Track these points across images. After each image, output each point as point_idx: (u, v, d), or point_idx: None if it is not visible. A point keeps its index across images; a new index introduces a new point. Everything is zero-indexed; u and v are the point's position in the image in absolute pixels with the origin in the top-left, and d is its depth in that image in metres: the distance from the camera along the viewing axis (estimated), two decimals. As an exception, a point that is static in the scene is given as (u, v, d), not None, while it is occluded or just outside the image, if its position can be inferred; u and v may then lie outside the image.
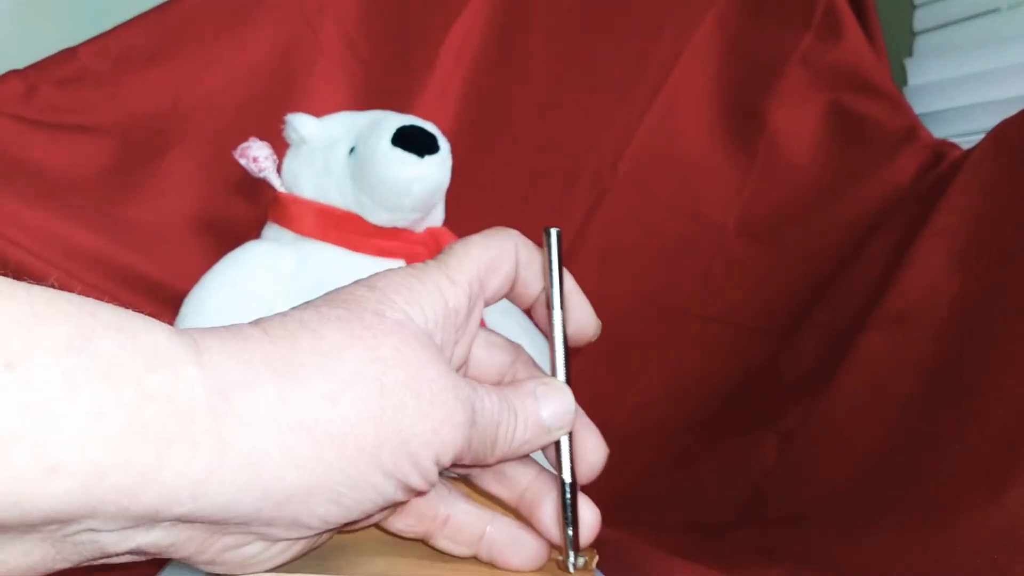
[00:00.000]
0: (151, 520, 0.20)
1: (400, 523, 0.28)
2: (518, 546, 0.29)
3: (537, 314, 0.30)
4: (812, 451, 0.52)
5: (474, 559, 0.29)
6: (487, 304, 0.29)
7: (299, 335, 0.23)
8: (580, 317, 0.30)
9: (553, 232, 0.29)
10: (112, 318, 0.20)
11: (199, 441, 0.19)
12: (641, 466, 0.61)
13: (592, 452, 0.29)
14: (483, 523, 0.29)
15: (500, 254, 0.28)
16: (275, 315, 0.24)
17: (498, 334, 0.31)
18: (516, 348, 0.31)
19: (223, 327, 0.22)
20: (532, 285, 0.29)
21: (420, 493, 0.25)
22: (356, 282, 0.26)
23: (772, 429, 0.56)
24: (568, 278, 0.30)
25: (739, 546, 0.48)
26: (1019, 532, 0.35)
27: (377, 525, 0.29)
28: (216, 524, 0.21)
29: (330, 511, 0.22)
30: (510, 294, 0.30)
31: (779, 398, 0.58)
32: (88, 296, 0.62)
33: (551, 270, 0.29)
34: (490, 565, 0.29)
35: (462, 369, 0.29)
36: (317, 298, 0.25)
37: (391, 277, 0.26)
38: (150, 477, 0.19)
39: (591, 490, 0.30)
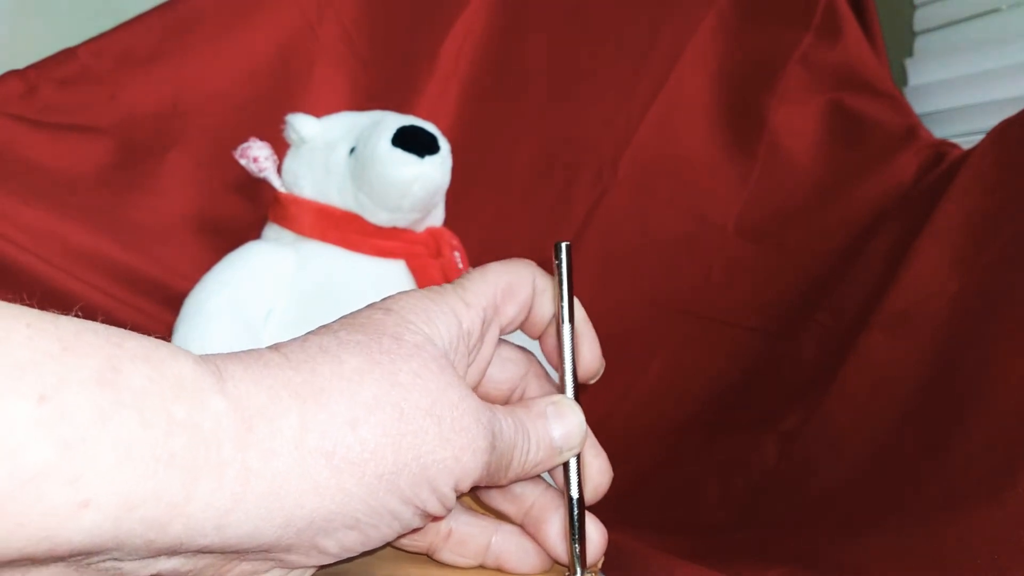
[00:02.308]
0: (177, 551, 0.20)
1: (404, 538, 0.28)
2: (524, 554, 0.29)
3: (546, 345, 0.30)
4: (813, 451, 0.52)
5: (480, 567, 0.29)
6: (503, 332, 0.29)
7: (319, 359, 0.23)
8: (586, 355, 0.30)
9: (563, 247, 0.29)
10: (139, 349, 0.20)
11: (225, 471, 0.20)
12: (641, 466, 0.61)
13: (597, 475, 0.29)
14: (487, 535, 0.29)
15: (517, 282, 0.29)
16: (294, 340, 0.24)
17: (509, 344, 0.31)
18: (528, 359, 0.31)
19: (243, 352, 0.22)
20: (544, 315, 0.30)
21: (437, 518, 0.25)
22: (371, 305, 0.26)
23: (772, 429, 0.56)
24: (582, 315, 0.30)
25: (739, 546, 0.48)
26: (1019, 532, 0.35)
27: None
28: (237, 553, 0.21)
29: (348, 537, 0.22)
30: (524, 323, 0.30)
31: (779, 398, 0.58)
32: (88, 296, 0.62)
33: (560, 284, 0.29)
34: (497, 571, 0.29)
35: (475, 389, 0.29)
36: (334, 322, 0.25)
37: (407, 299, 0.26)
38: (178, 509, 0.19)
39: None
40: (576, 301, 0.30)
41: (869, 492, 0.46)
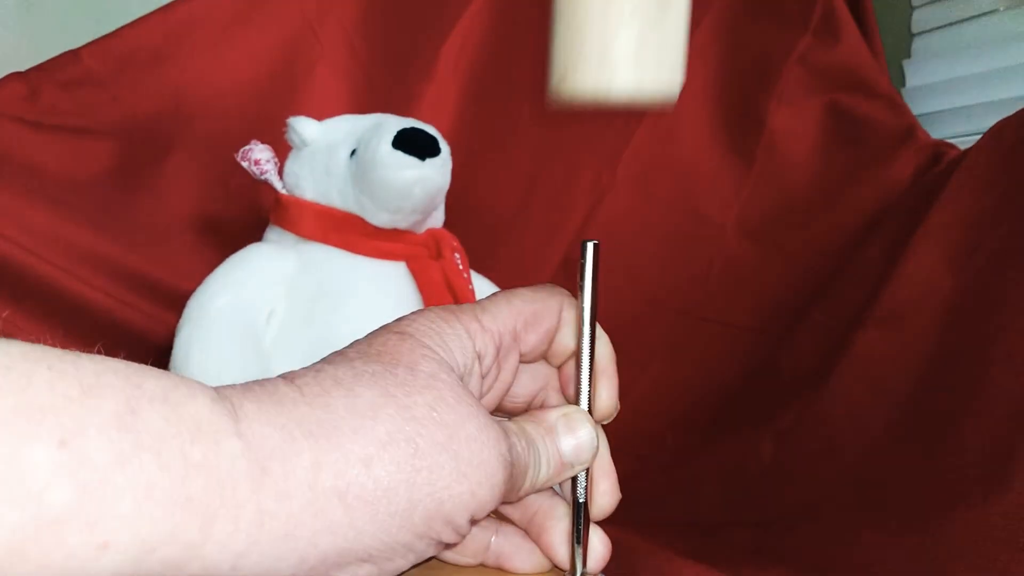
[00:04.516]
0: None
1: None
2: (524, 553, 0.29)
3: (563, 375, 0.30)
4: (808, 450, 0.52)
5: (481, 565, 0.29)
6: (525, 360, 0.29)
7: (333, 393, 0.22)
8: (604, 394, 0.29)
9: (590, 245, 0.27)
10: (157, 389, 0.20)
11: (240, 513, 0.20)
12: (640, 465, 0.61)
13: (605, 495, 0.29)
14: (488, 534, 0.29)
15: (543, 310, 0.28)
16: (308, 369, 0.24)
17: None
18: (549, 372, 0.30)
19: (258, 386, 0.22)
20: (566, 345, 0.29)
21: (451, 546, 0.25)
22: (386, 328, 0.26)
23: (769, 428, 0.56)
24: (609, 350, 0.29)
25: (737, 545, 0.48)
26: (1017, 531, 0.35)
27: None
28: None
29: (362, 570, 0.22)
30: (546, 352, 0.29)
31: (776, 397, 0.58)
32: (88, 296, 0.62)
33: (584, 284, 0.27)
34: (497, 570, 0.29)
35: (493, 411, 0.29)
36: (349, 348, 0.25)
37: (422, 320, 0.26)
38: (195, 551, 0.19)
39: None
40: (605, 338, 0.29)
41: (866, 490, 0.46)
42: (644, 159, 0.73)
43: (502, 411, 0.30)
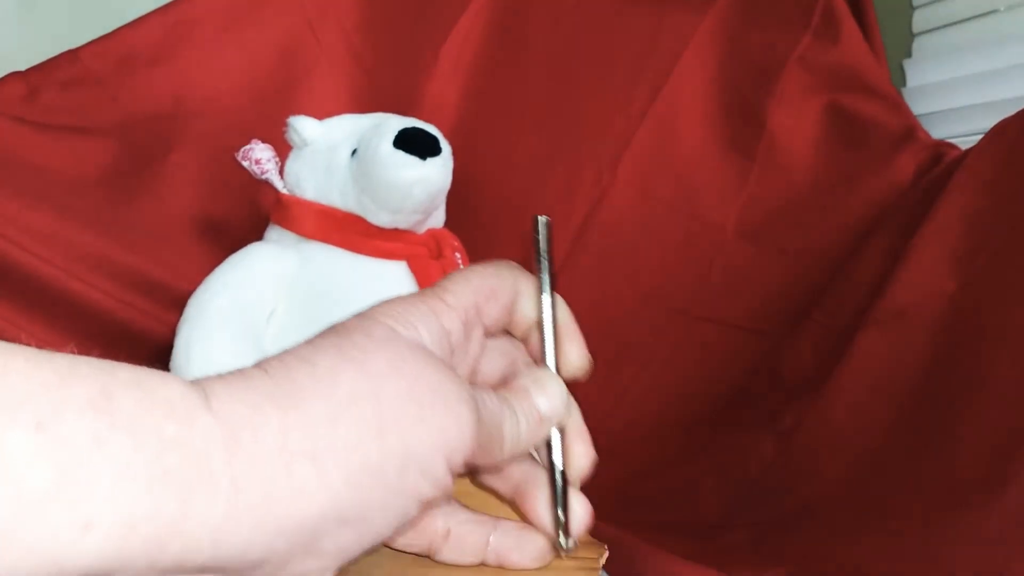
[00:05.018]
0: (178, 570, 0.20)
1: (401, 538, 0.29)
2: (523, 546, 0.29)
3: (530, 346, 0.31)
4: (810, 450, 0.52)
5: (482, 564, 0.29)
6: (488, 334, 0.30)
7: (295, 367, 0.23)
8: (571, 352, 0.30)
9: (541, 220, 0.29)
10: (130, 376, 0.20)
11: (216, 485, 0.20)
12: (640, 465, 0.61)
13: (580, 456, 0.30)
14: (486, 531, 0.29)
15: (499, 283, 0.29)
16: (276, 355, 0.24)
17: (498, 336, 0.31)
18: (515, 346, 0.31)
19: (229, 373, 0.23)
20: (527, 316, 0.30)
21: (435, 505, 0.25)
22: (355, 314, 0.26)
23: (770, 428, 0.56)
24: (568, 313, 0.30)
25: (738, 546, 0.48)
26: (1018, 531, 0.35)
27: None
28: (235, 570, 0.21)
29: (343, 536, 0.22)
30: (509, 324, 0.30)
31: (777, 397, 0.58)
32: (89, 296, 0.62)
33: (539, 257, 0.29)
34: (498, 568, 0.29)
35: None
36: (316, 334, 0.26)
37: (386, 304, 0.26)
38: (176, 526, 0.19)
39: (591, 488, 0.30)
40: (562, 303, 0.30)
41: (867, 491, 0.46)
42: (644, 159, 0.73)
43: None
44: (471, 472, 0.31)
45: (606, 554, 0.30)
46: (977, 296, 0.47)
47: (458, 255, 0.59)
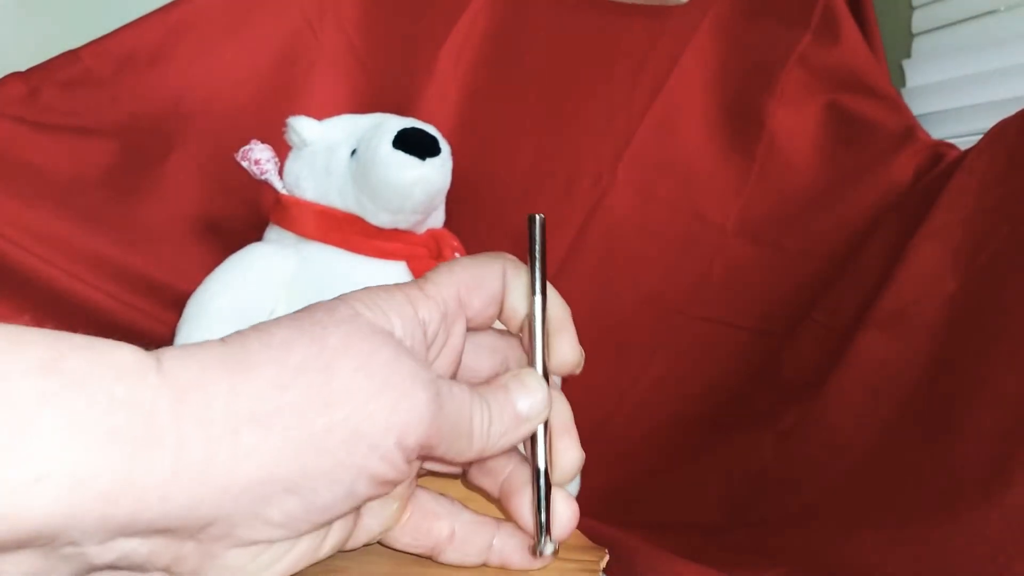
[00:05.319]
0: (130, 528, 0.21)
1: (405, 538, 0.29)
2: (526, 550, 0.29)
3: (525, 340, 0.30)
4: (809, 450, 0.52)
5: (484, 565, 0.29)
6: (474, 326, 0.29)
7: (251, 337, 0.23)
8: (564, 346, 0.29)
9: (537, 219, 0.29)
10: (82, 340, 0.21)
11: (163, 442, 0.20)
12: (640, 465, 0.61)
13: (566, 454, 0.29)
14: (489, 533, 0.29)
15: (484, 273, 0.29)
16: (239, 329, 0.24)
17: (489, 331, 0.30)
18: (508, 345, 0.30)
19: (187, 344, 0.23)
20: (518, 308, 0.29)
21: (391, 483, 0.24)
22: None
23: (770, 428, 0.56)
24: (563, 307, 0.29)
25: (738, 546, 0.48)
26: (1018, 531, 0.35)
27: (381, 543, 0.29)
28: (185, 530, 0.22)
29: (289, 503, 0.22)
30: (500, 317, 0.30)
31: (777, 398, 0.58)
32: (89, 296, 0.62)
33: (532, 257, 0.28)
34: (500, 568, 0.29)
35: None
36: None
37: (359, 292, 0.26)
38: (125, 482, 0.20)
39: (590, 489, 0.30)
40: (558, 295, 0.29)
41: (867, 491, 0.46)
42: (644, 159, 0.73)
43: None
44: (462, 473, 0.31)
45: (607, 558, 0.30)
46: (977, 296, 0.47)
47: (457, 255, 0.59)
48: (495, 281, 0.29)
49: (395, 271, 0.57)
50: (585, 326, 0.30)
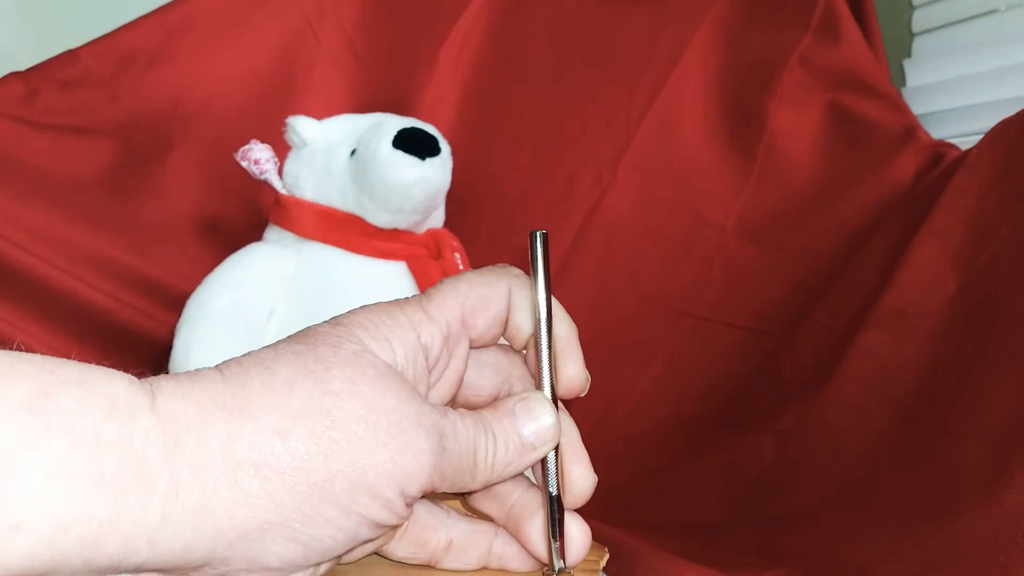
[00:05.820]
0: (118, 568, 0.20)
1: (402, 551, 0.28)
2: (525, 555, 0.28)
3: (529, 358, 0.29)
4: (809, 450, 0.52)
5: (484, 568, 0.29)
6: (477, 345, 0.28)
7: (251, 372, 0.23)
8: (570, 368, 0.28)
9: (538, 235, 0.27)
10: (73, 373, 0.20)
11: (154, 487, 0.20)
12: (640, 466, 0.61)
13: (579, 480, 0.28)
14: (488, 540, 0.29)
15: (489, 293, 0.27)
16: (236, 357, 0.24)
17: (492, 348, 0.30)
18: (511, 362, 0.29)
19: (183, 372, 0.23)
20: (523, 326, 0.28)
21: (394, 526, 0.24)
22: (329, 320, 0.25)
23: (770, 429, 0.56)
24: (569, 327, 0.28)
25: (738, 546, 0.48)
26: (1017, 531, 0.35)
27: (379, 553, 0.28)
28: (177, 570, 0.21)
29: (288, 549, 0.22)
30: (504, 335, 0.29)
31: (777, 398, 0.58)
32: (89, 296, 0.62)
33: (536, 275, 0.27)
34: (500, 571, 0.29)
35: (451, 401, 0.29)
36: (284, 338, 0.25)
37: (362, 313, 0.25)
38: (111, 527, 0.19)
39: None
40: (565, 313, 0.28)
41: (867, 491, 0.46)
42: (644, 159, 0.73)
43: (465, 405, 0.29)
44: (461, 496, 0.30)
45: (607, 556, 0.30)
46: (977, 296, 0.47)
47: (457, 255, 0.59)
48: (500, 301, 0.28)
49: (395, 271, 0.57)
50: (585, 326, 0.30)
